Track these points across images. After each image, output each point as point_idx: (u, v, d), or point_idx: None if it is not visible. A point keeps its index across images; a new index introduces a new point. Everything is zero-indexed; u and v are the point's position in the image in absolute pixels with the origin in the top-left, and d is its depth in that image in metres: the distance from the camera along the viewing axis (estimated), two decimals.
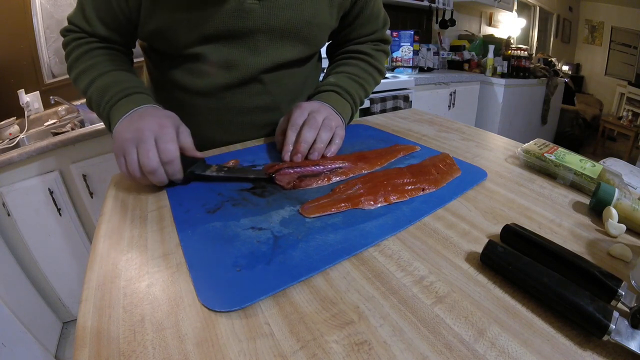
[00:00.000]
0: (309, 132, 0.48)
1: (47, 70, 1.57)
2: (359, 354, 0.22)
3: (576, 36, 4.48)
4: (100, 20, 0.52)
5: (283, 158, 0.48)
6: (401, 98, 1.91)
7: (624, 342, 0.21)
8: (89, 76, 0.50)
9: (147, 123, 0.42)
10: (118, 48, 0.56)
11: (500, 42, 2.88)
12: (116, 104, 0.47)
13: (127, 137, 0.41)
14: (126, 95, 0.48)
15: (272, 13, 0.52)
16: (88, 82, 0.50)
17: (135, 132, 0.41)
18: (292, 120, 0.50)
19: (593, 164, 0.45)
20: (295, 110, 0.51)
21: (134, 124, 0.43)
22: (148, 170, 0.40)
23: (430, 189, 0.41)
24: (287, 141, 0.48)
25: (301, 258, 0.30)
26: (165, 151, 0.41)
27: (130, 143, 0.41)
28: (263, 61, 0.56)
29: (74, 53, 0.52)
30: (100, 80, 0.49)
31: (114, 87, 0.48)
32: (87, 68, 0.51)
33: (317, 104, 0.54)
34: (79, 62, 0.52)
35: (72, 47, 0.52)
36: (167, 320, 0.24)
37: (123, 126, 0.44)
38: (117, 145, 0.42)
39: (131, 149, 0.41)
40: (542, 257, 0.28)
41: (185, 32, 0.50)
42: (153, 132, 0.41)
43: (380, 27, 0.67)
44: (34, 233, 1.25)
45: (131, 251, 0.32)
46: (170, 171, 0.42)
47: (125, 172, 0.42)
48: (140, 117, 0.44)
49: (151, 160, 0.40)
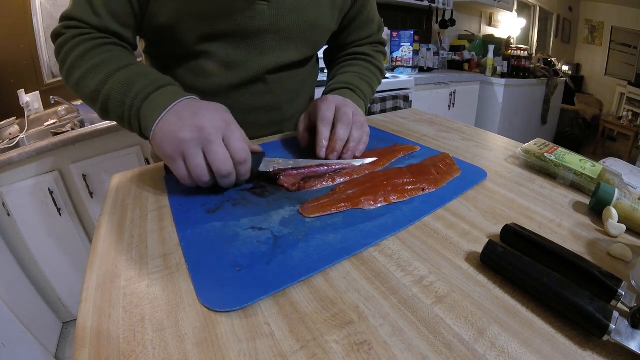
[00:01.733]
0: (343, 130, 0.46)
1: (47, 70, 1.57)
2: (359, 354, 0.22)
3: (576, 36, 4.48)
4: (110, 11, 0.46)
5: (318, 154, 0.46)
6: (401, 98, 1.91)
7: (624, 342, 0.21)
8: (103, 72, 0.43)
9: (209, 119, 0.37)
10: (127, 47, 0.50)
11: (500, 42, 2.88)
12: (148, 98, 0.41)
13: (186, 137, 0.36)
14: (159, 87, 0.42)
15: (280, 14, 0.52)
16: (102, 79, 0.42)
17: (198, 132, 0.36)
18: (321, 114, 0.48)
19: (593, 164, 0.44)
20: (322, 104, 0.49)
21: (190, 121, 0.37)
22: (223, 174, 0.37)
23: (430, 189, 0.41)
24: (320, 137, 0.46)
25: (301, 258, 0.30)
26: (238, 151, 0.37)
27: (192, 144, 0.36)
28: (268, 61, 0.56)
29: (76, 51, 0.44)
30: (121, 74, 0.42)
31: (141, 79, 0.42)
32: (98, 64, 0.43)
33: (342, 98, 0.52)
34: (86, 59, 0.44)
35: (73, 45, 0.45)
36: (167, 320, 0.24)
37: (171, 124, 0.38)
38: (170, 147, 0.37)
39: (194, 151, 0.36)
40: (542, 257, 0.28)
41: (194, 28, 0.49)
42: (220, 130, 0.37)
43: (375, 31, 0.69)
44: (34, 233, 1.25)
45: (131, 251, 0.32)
46: (242, 172, 0.39)
47: (184, 176, 0.37)
48: (193, 113, 0.38)
49: (225, 162, 0.36)
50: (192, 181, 0.38)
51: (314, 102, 0.53)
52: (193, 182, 0.38)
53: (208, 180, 0.37)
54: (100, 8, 0.46)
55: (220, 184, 0.38)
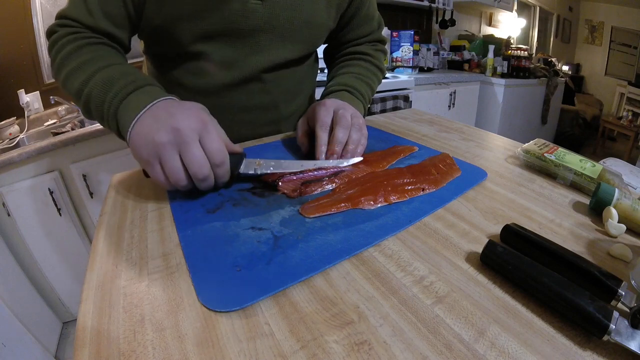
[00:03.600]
0: (342, 133, 0.47)
1: (47, 70, 1.57)
2: (359, 354, 0.22)
3: (576, 36, 4.48)
4: (104, 12, 0.46)
5: (318, 159, 0.46)
6: (401, 98, 1.91)
7: (624, 342, 0.21)
8: (86, 71, 0.42)
9: (185, 120, 0.35)
10: (117, 48, 0.50)
11: (500, 42, 2.88)
12: (126, 99, 0.39)
13: (161, 140, 0.34)
14: (137, 87, 0.40)
15: (274, 13, 0.52)
16: (85, 78, 0.41)
17: (173, 133, 0.35)
18: (320, 119, 0.48)
19: (593, 164, 0.44)
20: (320, 108, 0.49)
21: (166, 122, 0.35)
22: (199, 178, 0.36)
23: (430, 189, 0.41)
24: (320, 142, 0.47)
25: (301, 258, 0.30)
26: (215, 153, 0.36)
27: (168, 147, 0.35)
28: (263, 60, 0.56)
29: (65, 49, 0.44)
30: (102, 74, 0.41)
31: (121, 79, 0.41)
32: (83, 63, 0.43)
33: (340, 101, 0.52)
34: (72, 58, 0.43)
35: (64, 43, 0.44)
36: (167, 320, 0.24)
37: (147, 125, 0.36)
38: (146, 151, 0.35)
39: (170, 154, 0.35)
40: (542, 257, 0.28)
41: (188, 29, 0.50)
42: (196, 131, 0.35)
43: (375, 28, 0.69)
44: (34, 233, 1.25)
45: (131, 251, 0.32)
46: (220, 174, 0.38)
47: (162, 181, 0.36)
48: (169, 114, 0.36)
49: (203, 166, 0.35)
50: (170, 186, 0.37)
51: (312, 106, 0.53)
52: (172, 186, 0.37)
53: (186, 184, 0.36)
54: (95, 8, 0.46)
55: (199, 187, 0.37)
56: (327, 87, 0.61)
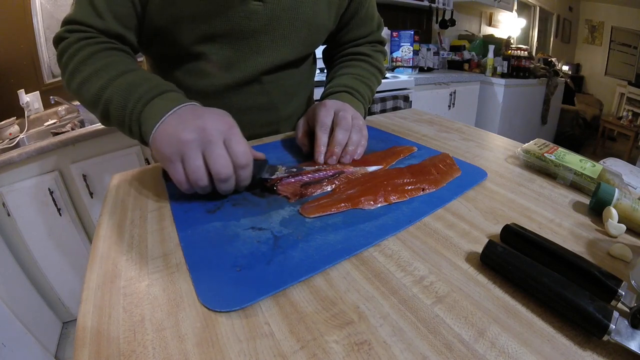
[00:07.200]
0: (342, 134, 0.46)
1: (47, 70, 1.57)
2: (359, 354, 0.22)
3: (576, 36, 4.48)
4: (114, 14, 0.45)
5: (317, 160, 0.46)
6: (401, 98, 1.91)
7: (624, 342, 0.21)
8: (104, 77, 0.42)
9: (211, 121, 0.36)
10: (129, 51, 0.50)
11: (500, 42, 2.88)
12: (150, 102, 0.40)
13: (187, 137, 0.35)
14: (162, 92, 0.41)
15: (275, 14, 0.52)
16: (103, 84, 0.41)
17: (199, 132, 0.35)
18: (320, 120, 0.48)
19: (593, 164, 0.44)
20: (321, 109, 0.49)
21: (192, 122, 0.36)
22: (222, 178, 0.35)
23: (430, 189, 0.41)
24: (319, 143, 0.47)
25: (301, 258, 0.30)
26: (241, 155, 0.36)
27: (192, 145, 0.34)
28: (263, 62, 0.56)
29: (78, 55, 0.43)
30: (123, 79, 0.42)
31: (143, 84, 0.41)
32: (99, 69, 0.42)
33: (340, 102, 0.52)
34: (88, 63, 0.43)
35: (77, 49, 0.44)
36: (167, 321, 0.24)
37: (172, 126, 0.36)
38: (169, 148, 0.35)
39: (194, 152, 0.35)
40: (542, 257, 0.28)
41: (189, 29, 0.50)
42: (221, 133, 0.36)
43: (375, 29, 0.69)
44: (34, 233, 1.25)
45: (131, 251, 0.32)
46: (243, 176, 0.37)
47: (182, 181, 0.36)
48: (196, 115, 0.37)
49: (226, 166, 0.35)
50: (189, 186, 0.36)
51: (312, 107, 0.53)
52: (190, 187, 0.36)
53: (206, 185, 0.36)
54: (104, 10, 0.45)
55: (218, 189, 0.37)
56: (327, 88, 0.61)
